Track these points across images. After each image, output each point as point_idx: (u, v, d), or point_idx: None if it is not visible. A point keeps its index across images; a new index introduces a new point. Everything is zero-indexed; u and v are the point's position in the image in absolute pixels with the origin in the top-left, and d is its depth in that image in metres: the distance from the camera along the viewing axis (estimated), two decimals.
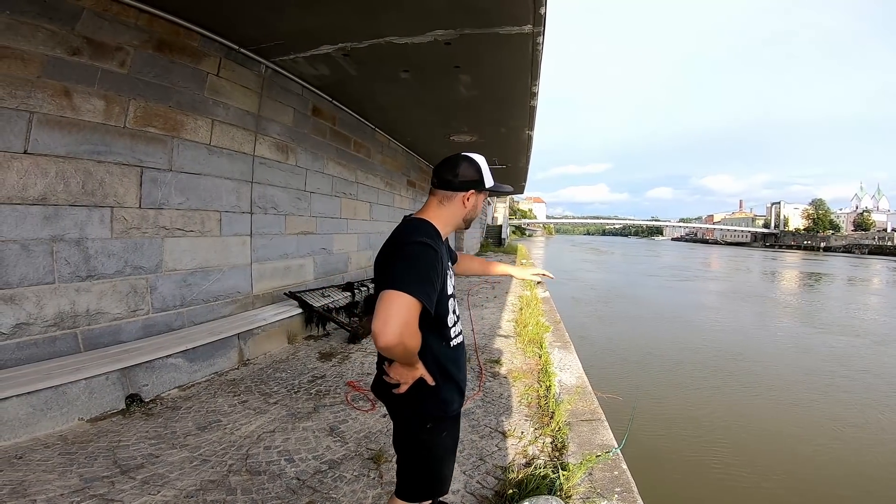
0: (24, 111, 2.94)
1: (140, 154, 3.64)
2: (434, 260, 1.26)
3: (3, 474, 2.27)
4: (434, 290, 1.23)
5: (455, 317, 1.47)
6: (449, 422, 1.50)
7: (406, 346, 1.15)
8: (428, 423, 1.44)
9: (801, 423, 5.37)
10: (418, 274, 1.20)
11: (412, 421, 1.45)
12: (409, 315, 1.14)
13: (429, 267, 1.24)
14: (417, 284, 1.17)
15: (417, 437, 1.46)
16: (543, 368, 3.91)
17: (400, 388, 1.36)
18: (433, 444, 1.48)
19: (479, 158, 1.46)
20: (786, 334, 10.42)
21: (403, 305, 1.13)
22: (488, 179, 1.47)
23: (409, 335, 1.15)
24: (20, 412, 2.65)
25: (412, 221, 1.40)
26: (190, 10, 3.82)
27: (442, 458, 1.53)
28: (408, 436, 1.48)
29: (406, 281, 1.16)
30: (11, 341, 2.90)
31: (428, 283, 1.21)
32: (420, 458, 1.50)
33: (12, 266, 2.90)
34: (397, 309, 1.13)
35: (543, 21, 3.95)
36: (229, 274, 4.59)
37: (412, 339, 1.16)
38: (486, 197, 1.47)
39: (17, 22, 2.88)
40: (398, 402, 1.41)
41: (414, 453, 1.49)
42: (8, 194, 2.87)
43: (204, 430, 2.90)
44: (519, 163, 12.56)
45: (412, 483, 1.51)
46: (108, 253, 3.44)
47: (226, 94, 4.48)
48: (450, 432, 1.52)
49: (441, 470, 1.55)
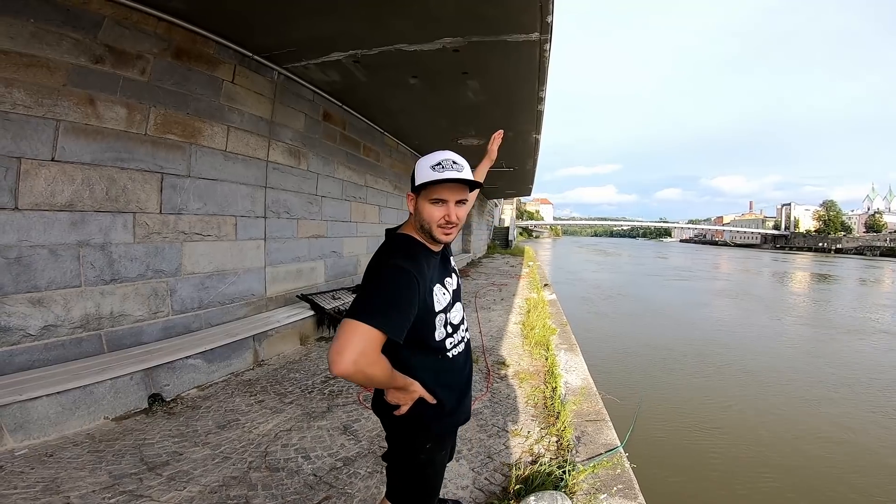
0: (51, 119, 3.04)
1: (161, 161, 3.76)
2: (405, 284, 1.19)
3: (36, 472, 2.37)
4: (404, 317, 1.18)
5: (448, 329, 1.39)
6: (450, 438, 1.51)
7: (365, 373, 1.11)
8: (428, 443, 1.42)
9: (808, 422, 5.39)
10: (384, 301, 1.16)
11: (413, 442, 1.41)
12: (366, 345, 1.09)
13: (398, 292, 1.18)
14: (380, 313, 1.12)
15: (416, 457, 1.43)
16: (550, 370, 3.99)
17: (400, 410, 1.33)
18: (431, 462, 1.46)
19: (427, 157, 1.31)
20: (796, 336, 10.39)
21: (360, 335, 1.09)
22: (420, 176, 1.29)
23: (367, 364, 1.10)
24: (50, 411, 2.75)
25: (394, 238, 1.35)
26: (206, 18, 3.92)
27: (437, 474, 1.52)
28: (406, 455, 1.45)
29: (367, 310, 1.12)
30: (40, 342, 3.02)
31: (394, 309, 1.16)
32: (416, 475, 1.47)
33: (41, 270, 3.01)
34: (353, 339, 1.08)
35: (550, 29, 4.02)
36: (244, 277, 4.71)
37: (371, 367, 1.11)
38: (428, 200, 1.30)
39: (43, 30, 2.97)
40: (399, 422, 1.36)
41: (410, 472, 1.46)
42: (36, 201, 2.98)
43: (224, 428, 3.00)
44: (526, 165, 12.62)
45: (405, 496, 1.49)
46: (130, 257, 3.56)
47: (240, 101, 4.59)
48: (446, 448, 1.52)
49: (436, 484, 1.53)
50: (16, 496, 2.14)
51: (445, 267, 1.46)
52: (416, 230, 1.35)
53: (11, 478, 2.30)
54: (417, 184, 1.29)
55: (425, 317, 1.29)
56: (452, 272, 1.50)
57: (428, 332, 1.33)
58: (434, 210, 1.30)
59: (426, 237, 1.34)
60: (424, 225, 1.32)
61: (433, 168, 1.27)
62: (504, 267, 16.79)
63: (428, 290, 1.29)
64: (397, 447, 1.45)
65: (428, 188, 1.28)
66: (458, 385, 1.46)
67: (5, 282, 2.85)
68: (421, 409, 1.34)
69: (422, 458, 1.43)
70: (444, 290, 1.39)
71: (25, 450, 2.59)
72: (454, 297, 1.45)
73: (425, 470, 1.47)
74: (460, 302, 1.50)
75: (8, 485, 2.23)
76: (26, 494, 2.16)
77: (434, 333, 1.34)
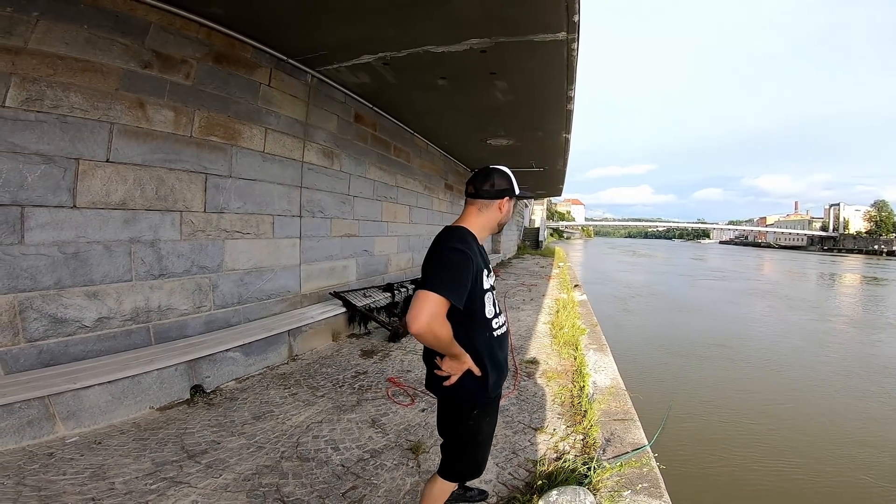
0: (106, 122, 3.24)
1: (205, 162, 3.95)
2: (463, 262, 1.46)
3: (84, 458, 2.51)
4: (463, 288, 1.44)
5: (494, 309, 1.63)
6: (491, 406, 1.69)
7: (435, 334, 1.37)
8: (475, 409, 1.62)
9: (855, 432, 5.13)
10: (448, 275, 1.43)
11: (462, 408, 1.63)
12: (436, 309, 1.36)
13: (458, 269, 1.45)
14: (446, 284, 1.39)
15: (465, 423, 1.65)
16: (578, 369, 3.95)
17: (450, 380, 1.55)
18: (478, 430, 1.67)
19: (506, 170, 1.66)
20: (846, 339, 9.86)
21: (431, 301, 1.35)
22: (517, 187, 1.67)
23: (437, 325, 1.36)
24: (100, 400, 2.93)
25: (450, 229, 1.60)
26: (243, 23, 4.09)
27: (483, 443, 1.73)
28: (457, 422, 1.66)
29: (436, 282, 1.39)
30: (94, 334, 3.23)
31: (457, 282, 1.43)
32: (464, 442, 1.69)
33: (96, 265, 3.23)
34: (426, 304, 1.35)
35: (577, 28, 3.98)
36: (280, 274, 4.89)
37: (440, 328, 1.37)
38: (515, 203, 1.70)
39: (95, 36, 3.16)
40: (450, 392, 1.59)
41: (460, 438, 1.69)
42: (93, 199, 3.19)
43: (259, 419, 3.12)
44: (556, 165, 12.48)
45: (455, 464, 1.72)
46: (177, 253, 3.76)
47: (276, 104, 4.76)
48: (491, 417, 1.72)
49: (482, 453, 1.75)
50: (64, 482, 2.27)
51: (488, 264, 1.69)
52: (482, 225, 1.65)
53: (61, 464, 2.44)
54: (518, 194, 1.68)
55: (478, 292, 1.53)
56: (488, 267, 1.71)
57: (480, 305, 1.56)
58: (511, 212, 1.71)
59: (490, 231, 1.68)
60: (502, 221, 1.68)
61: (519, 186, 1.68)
62: (534, 267, 16.64)
63: (479, 268, 1.54)
64: (449, 417, 1.68)
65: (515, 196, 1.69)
66: (499, 363, 1.65)
67: (63, 276, 3.06)
68: (467, 382, 1.56)
69: (470, 425, 1.65)
70: (490, 278, 1.63)
71: (76, 437, 2.74)
72: (492, 289, 1.66)
73: (474, 437, 1.69)
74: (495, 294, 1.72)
75: (58, 471, 2.37)
76: (74, 480, 2.30)
77: (485, 309, 1.58)
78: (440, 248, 1.51)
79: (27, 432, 2.63)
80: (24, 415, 2.62)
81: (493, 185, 1.62)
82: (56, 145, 2.99)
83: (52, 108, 2.96)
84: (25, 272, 2.88)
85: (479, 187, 1.62)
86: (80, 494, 2.18)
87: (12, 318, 2.83)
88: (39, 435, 2.67)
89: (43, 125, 2.92)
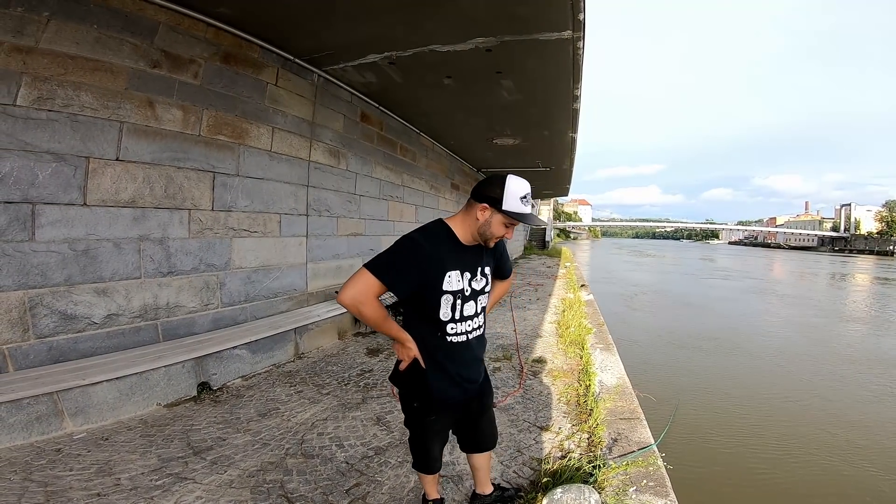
0: (115, 121, 3.27)
1: (213, 160, 3.98)
2: (410, 249, 1.48)
3: (91, 454, 2.53)
4: (401, 275, 1.46)
5: (455, 313, 1.58)
6: (436, 407, 1.65)
7: (358, 309, 1.43)
8: (414, 401, 1.66)
9: (864, 433, 5.06)
10: (388, 259, 1.47)
11: (405, 398, 1.70)
12: (365, 287, 1.42)
13: (400, 255, 1.47)
14: (383, 266, 1.44)
15: (407, 411, 1.72)
16: (584, 369, 3.94)
17: (401, 365, 1.61)
18: (418, 423, 1.73)
19: (514, 182, 1.48)
20: (856, 340, 9.73)
21: (362, 279, 1.43)
22: (508, 202, 1.47)
23: (361, 302, 1.42)
24: (108, 396, 2.95)
25: (431, 222, 1.61)
26: (250, 23, 4.11)
27: (427, 440, 1.77)
28: (404, 408, 1.73)
29: (375, 262, 1.45)
30: (103, 330, 3.26)
31: (394, 267, 1.46)
32: (410, 428, 1.78)
33: (106, 262, 3.26)
34: (358, 280, 1.43)
35: (583, 26, 3.97)
36: (287, 272, 4.91)
37: (363, 306, 1.43)
38: (504, 221, 1.51)
39: (105, 36, 3.19)
40: (398, 380, 1.67)
41: (408, 426, 1.78)
42: (103, 197, 3.23)
43: (264, 416, 3.14)
44: (563, 165, 12.44)
45: (412, 451, 1.83)
46: (185, 251, 3.79)
47: (283, 103, 4.79)
48: (439, 418, 1.71)
49: (428, 449, 1.78)
50: (70, 478, 2.30)
51: (476, 267, 1.62)
52: (467, 229, 1.56)
53: (68, 460, 2.46)
54: (507, 210, 1.47)
55: (431, 291, 1.53)
56: (484, 277, 1.66)
57: (433, 305, 1.55)
58: (502, 230, 1.55)
59: (475, 238, 1.57)
60: (487, 234, 1.54)
61: (522, 200, 1.48)
62: (540, 267, 16.58)
63: (438, 267, 1.51)
64: (401, 401, 1.74)
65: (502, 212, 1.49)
66: (450, 371, 1.63)
67: (73, 273, 3.09)
68: (412, 372, 1.60)
69: (410, 415, 1.72)
70: (462, 281, 1.57)
71: (84, 434, 2.77)
72: (473, 294, 1.61)
73: (413, 427, 1.76)
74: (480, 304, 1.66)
75: (65, 467, 2.39)
76: (80, 476, 2.32)
77: (438, 310, 1.55)
78: (402, 235, 1.53)
79: (35, 428, 2.65)
80: (33, 411, 2.64)
81: (483, 188, 1.52)
82: (67, 144, 3.02)
83: (62, 106, 2.99)
84: (36, 269, 2.91)
85: (475, 187, 1.56)
86: (85, 490, 2.20)
87: (22, 315, 2.86)
88: (48, 431, 2.70)
89: (54, 124, 2.96)
